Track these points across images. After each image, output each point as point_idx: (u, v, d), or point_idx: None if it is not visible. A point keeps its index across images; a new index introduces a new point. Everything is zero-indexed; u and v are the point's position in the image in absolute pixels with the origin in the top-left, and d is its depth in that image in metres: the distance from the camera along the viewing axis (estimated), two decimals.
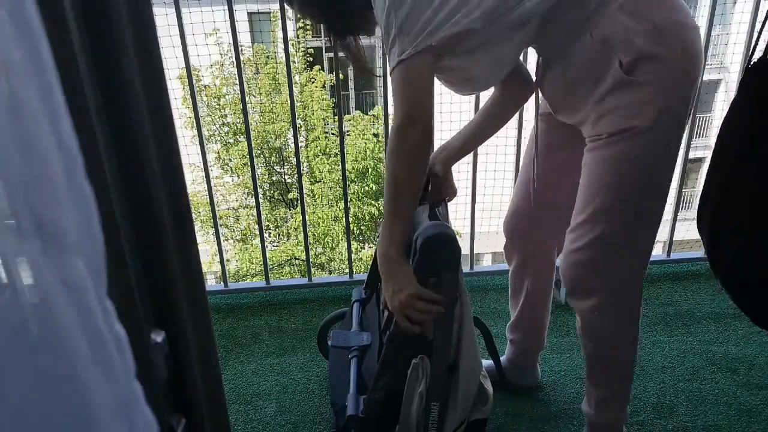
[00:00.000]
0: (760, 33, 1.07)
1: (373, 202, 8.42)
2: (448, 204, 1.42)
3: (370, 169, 8.32)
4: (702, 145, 9.10)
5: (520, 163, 1.53)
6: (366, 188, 8.36)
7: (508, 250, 1.57)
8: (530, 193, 1.44)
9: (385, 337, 1.23)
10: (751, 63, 1.05)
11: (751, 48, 1.06)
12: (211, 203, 2.20)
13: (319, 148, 8.53)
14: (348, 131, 8.68)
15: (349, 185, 8.47)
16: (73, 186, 0.34)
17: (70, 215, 0.34)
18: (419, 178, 1.18)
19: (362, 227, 8.48)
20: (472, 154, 2.09)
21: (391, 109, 1.28)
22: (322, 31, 1.29)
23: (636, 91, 1.09)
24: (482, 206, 2.66)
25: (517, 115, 2.01)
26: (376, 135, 8.53)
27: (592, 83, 1.14)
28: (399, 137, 1.12)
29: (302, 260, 7.72)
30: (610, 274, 1.25)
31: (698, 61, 1.12)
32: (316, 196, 8.33)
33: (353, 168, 8.24)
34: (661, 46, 1.08)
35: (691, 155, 2.31)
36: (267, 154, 8.78)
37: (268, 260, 2.38)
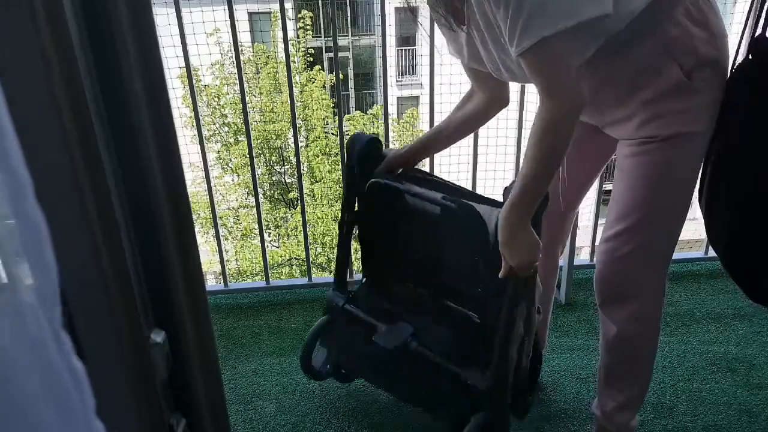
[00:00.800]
0: (742, 34, 1.11)
1: None
2: None
3: None
4: None
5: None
6: None
7: None
8: None
9: (504, 301, 1.25)
10: (736, 64, 1.11)
11: (737, 48, 1.10)
12: (211, 203, 2.19)
13: (319, 148, 8.53)
14: (347, 131, 8.68)
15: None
16: (20, 210, 0.31)
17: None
18: (563, 158, 1.18)
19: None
20: (472, 151, 2.09)
21: (391, 109, 1.27)
22: None
23: (695, 96, 1.10)
24: None
25: (517, 113, 2.01)
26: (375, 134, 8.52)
27: (641, 83, 1.12)
28: (561, 121, 1.06)
29: (302, 260, 7.72)
30: (650, 280, 1.26)
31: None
32: (317, 196, 8.33)
33: None
34: (716, 52, 1.09)
35: None
36: (267, 154, 8.78)
37: (268, 260, 2.38)
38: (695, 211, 1.30)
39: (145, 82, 0.46)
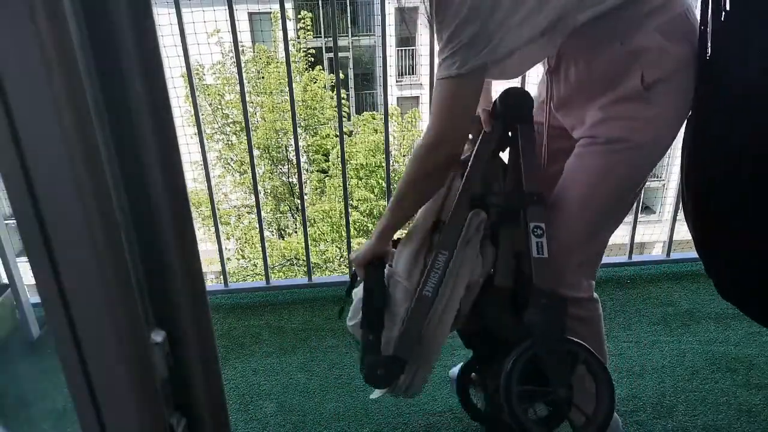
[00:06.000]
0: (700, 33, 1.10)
1: (382, 200, 8.47)
2: None
3: (380, 167, 8.38)
4: None
5: None
6: (374, 183, 8.42)
7: None
8: None
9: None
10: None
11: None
12: (212, 202, 2.20)
13: (329, 145, 8.62)
14: (358, 130, 8.77)
15: (358, 182, 8.47)
16: None
17: None
18: (424, 199, 1.21)
19: (368, 226, 8.51)
20: None
21: (391, 109, 1.27)
22: None
23: (647, 107, 1.10)
24: None
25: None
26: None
27: (604, 87, 1.13)
28: (424, 156, 1.11)
29: (303, 260, 7.73)
30: (574, 280, 1.23)
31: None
32: (326, 193, 8.40)
33: (365, 164, 8.29)
34: (681, 72, 1.09)
35: None
36: (274, 153, 8.83)
37: (269, 259, 2.38)
38: None
39: (145, 82, 0.46)
